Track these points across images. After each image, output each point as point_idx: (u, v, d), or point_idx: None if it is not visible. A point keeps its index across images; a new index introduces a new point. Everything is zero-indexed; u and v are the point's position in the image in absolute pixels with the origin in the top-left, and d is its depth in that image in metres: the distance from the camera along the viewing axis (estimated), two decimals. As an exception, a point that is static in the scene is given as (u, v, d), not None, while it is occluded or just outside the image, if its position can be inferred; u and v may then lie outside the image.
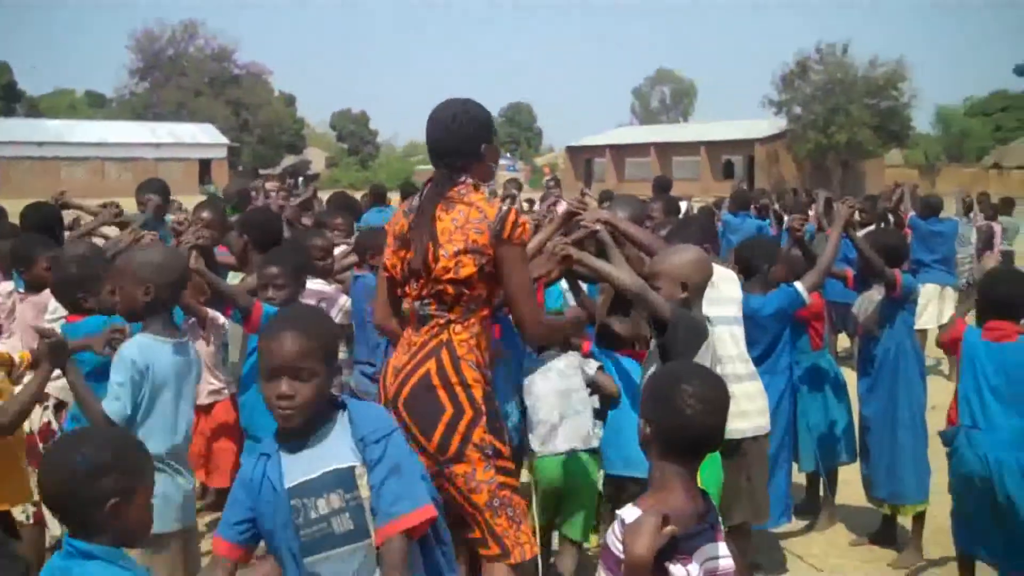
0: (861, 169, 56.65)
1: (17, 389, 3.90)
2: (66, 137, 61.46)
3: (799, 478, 6.26)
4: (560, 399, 4.60)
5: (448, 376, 3.53)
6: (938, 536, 5.79)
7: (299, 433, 2.76)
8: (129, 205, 7.40)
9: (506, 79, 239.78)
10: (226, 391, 5.63)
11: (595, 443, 4.68)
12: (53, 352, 3.58)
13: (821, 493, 6.31)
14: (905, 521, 5.82)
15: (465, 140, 3.65)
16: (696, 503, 2.50)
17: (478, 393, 3.56)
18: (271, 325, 2.87)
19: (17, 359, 3.94)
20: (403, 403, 3.55)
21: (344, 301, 5.75)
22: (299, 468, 2.74)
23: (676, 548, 2.39)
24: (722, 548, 2.51)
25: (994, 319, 4.75)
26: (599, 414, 4.79)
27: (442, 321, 3.59)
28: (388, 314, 3.87)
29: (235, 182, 10.45)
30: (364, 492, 2.74)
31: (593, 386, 4.70)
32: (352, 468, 2.74)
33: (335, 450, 2.76)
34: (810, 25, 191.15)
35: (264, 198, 9.43)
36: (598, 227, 4.61)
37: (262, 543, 2.92)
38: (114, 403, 3.53)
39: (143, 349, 3.62)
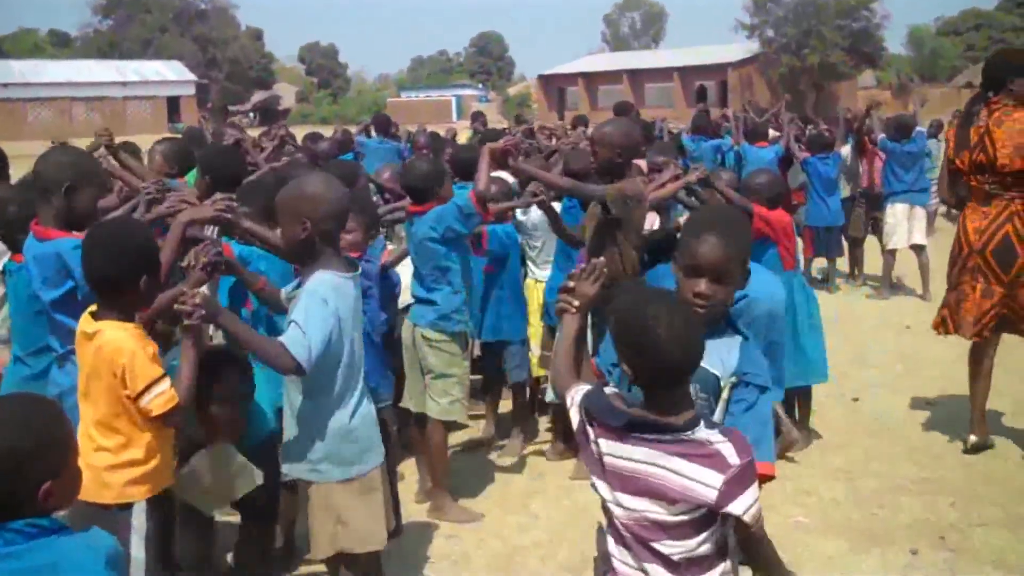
0: (834, 91, 56.45)
1: None
2: (31, 78, 60.43)
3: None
4: None
5: (1020, 234, 5.68)
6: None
7: None
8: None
9: (475, 8, 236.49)
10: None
11: None
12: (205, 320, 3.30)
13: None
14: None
15: None
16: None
17: None
18: (694, 225, 2.92)
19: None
20: (991, 252, 5.74)
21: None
22: None
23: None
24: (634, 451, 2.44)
25: None
26: None
27: (1006, 198, 5.73)
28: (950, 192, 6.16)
29: (213, 117, 10.32)
30: None
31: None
32: None
33: None
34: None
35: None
36: None
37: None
38: (303, 347, 3.27)
39: (334, 288, 3.42)
